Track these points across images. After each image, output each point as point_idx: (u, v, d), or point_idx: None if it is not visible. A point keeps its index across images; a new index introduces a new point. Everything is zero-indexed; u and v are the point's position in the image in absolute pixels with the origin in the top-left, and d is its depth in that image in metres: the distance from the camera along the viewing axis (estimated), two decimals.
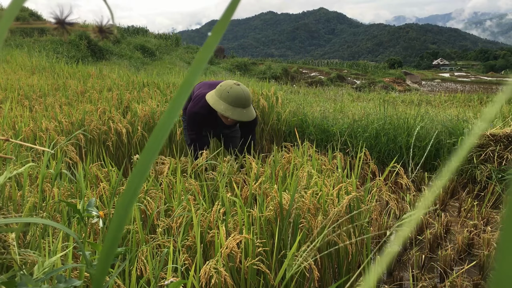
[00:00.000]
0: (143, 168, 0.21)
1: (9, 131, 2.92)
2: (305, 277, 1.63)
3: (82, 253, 0.78)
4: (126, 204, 0.21)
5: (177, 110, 0.21)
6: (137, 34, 25.36)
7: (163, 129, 0.21)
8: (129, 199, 0.21)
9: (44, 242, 1.24)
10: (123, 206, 0.21)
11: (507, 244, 0.12)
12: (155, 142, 0.21)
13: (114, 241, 0.21)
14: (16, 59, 8.92)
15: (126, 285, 1.30)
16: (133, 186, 0.21)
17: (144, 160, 0.21)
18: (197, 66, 0.21)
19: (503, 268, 0.12)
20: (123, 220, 0.21)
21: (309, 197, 1.65)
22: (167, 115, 0.21)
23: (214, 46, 0.21)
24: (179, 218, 1.62)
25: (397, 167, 2.00)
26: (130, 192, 0.21)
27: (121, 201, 0.21)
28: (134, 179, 0.21)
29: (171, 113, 0.21)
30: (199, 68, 0.21)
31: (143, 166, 0.21)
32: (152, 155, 0.21)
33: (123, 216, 0.21)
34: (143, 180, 0.21)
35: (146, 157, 0.21)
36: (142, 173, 0.21)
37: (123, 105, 4.09)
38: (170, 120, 0.21)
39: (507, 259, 0.12)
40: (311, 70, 30.78)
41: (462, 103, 9.66)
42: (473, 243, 2.32)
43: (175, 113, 0.21)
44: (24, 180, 1.63)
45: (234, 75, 15.64)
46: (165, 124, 0.21)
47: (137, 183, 0.21)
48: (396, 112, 4.04)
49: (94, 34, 0.33)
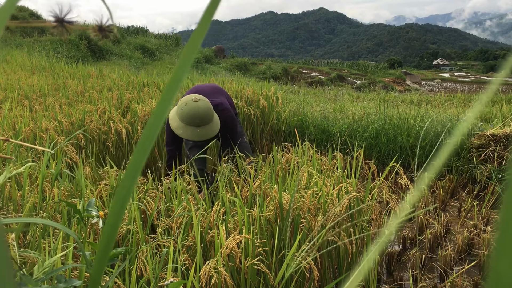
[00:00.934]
0: (135, 167, 0.21)
1: (9, 131, 2.92)
2: (305, 277, 1.63)
3: (82, 253, 0.78)
4: (120, 202, 0.21)
5: (165, 108, 0.21)
6: (137, 34, 25.36)
7: (153, 127, 0.21)
8: (123, 197, 0.21)
9: (44, 242, 1.24)
10: (118, 204, 0.21)
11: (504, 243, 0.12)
12: (147, 141, 0.21)
13: (109, 240, 0.21)
14: (16, 59, 8.92)
15: (126, 285, 1.30)
16: (127, 184, 0.21)
17: (136, 159, 0.21)
18: (184, 63, 0.21)
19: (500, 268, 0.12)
20: (118, 218, 0.21)
21: (309, 197, 1.65)
22: (156, 113, 0.21)
23: (200, 40, 0.21)
24: (179, 218, 1.62)
25: (396, 166, 2.00)
26: (124, 191, 0.21)
27: (115, 199, 0.21)
28: (127, 177, 0.21)
29: (159, 111, 0.21)
30: (187, 65, 0.21)
31: (135, 165, 0.21)
32: (144, 153, 0.21)
33: (118, 215, 0.21)
34: (136, 178, 0.21)
35: (138, 156, 0.21)
36: (134, 172, 0.21)
37: (123, 105, 4.09)
38: (159, 119, 0.21)
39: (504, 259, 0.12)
40: (311, 70, 30.78)
41: (462, 103, 9.66)
42: (473, 243, 2.32)
43: (164, 111, 0.21)
44: (24, 180, 1.63)
45: (234, 75, 15.64)
46: (155, 122, 0.21)
47: (130, 181, 0.21)
48: (396, 112, 4.03)
49: (94, 33, 0.33)
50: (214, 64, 24.39)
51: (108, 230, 0.21)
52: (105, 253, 0.21)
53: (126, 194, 0.21)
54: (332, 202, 1.70)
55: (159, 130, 0.21)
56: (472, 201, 2.81)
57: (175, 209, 1.68)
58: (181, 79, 0.21)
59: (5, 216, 1.18)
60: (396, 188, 3.15)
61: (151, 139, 0.21)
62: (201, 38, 0.21)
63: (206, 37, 0.21)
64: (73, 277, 1.19)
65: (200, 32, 0.21)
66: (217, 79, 6.04)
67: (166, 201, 1.87)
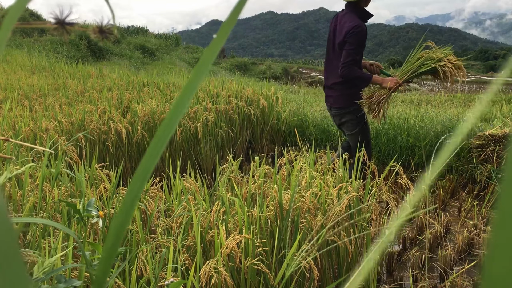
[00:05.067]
0: (145, 171, 0.21)
1: (9, 131, 2.92)
2: (305, 277, 1.63)
3: (82, 253, 0.78)
4: (129, 204, 0.21)
5: (179, 114, 0.21)
6: (137, 34, 25.37)
7: (165, 132, 0.21)
8: (131, 200, 0.21)
9: (44, 242, 1.24)
10: (126, 206, 0.21)
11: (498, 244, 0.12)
12: (158, 145, 0.21)
13: (116, 241, 0.21)
14: (16, 59, 8.92)
15: (126, 285, 1.30)
16: (135, 187, 0.21)
17: (146, 163, 0.21)
18: (201, 67, 0.21)
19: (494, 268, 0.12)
20: (126, 220, 0.21)
21: (309, 197, 1.65)
22: (169, 118, 0.21)
23: (220, 47, 0.21)
24: (179, 218, 1.62)
25: (396, 166, 2.00)
26: (133, 193, 0.21)
27: (124, 201, 0.21)
28: (136, 181, 0.21)
29: (173, 116, 0.21)
30: (204, 70, 0.21)
31: (145, 169, 0.21)
32: (154, 158, 0.21)
33: (126, 216, 0.21)
34: (145, 182, 0.21)
35: (148, 160, 0.21)
36: (144, 176, 0.21)
37: (123, 105, 4.09)
38: (172, 124, 0.21)
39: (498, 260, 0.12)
40: (311, 70, 30.76)
41: (462, 103, 9.65)
42: (473, 243, 2.32)
43: (178, 116, 0.21)
44: (24, 180, 1.64)
45: (234, 75, 15.64)
46: (168, 127, 0.21)
47: (139, 185, 0.21)
48: (396, 112, 4.04)
49: (94, 34, 0.33)
50: (214, 64, 24.36)
51: (115, 230, 0.21)
52: (111, 254, 0.21)
53: (136, 194, 0.21)
54: (332, 202, 1.70)
55: (172, 133, 0.21)
56: (472, 201, 2.81)
57: (175, 209, 1.69)
58: (199, 83, 0.21)
59: None
60: (396, 188, 3.15)
61: (163, 142, 0.21)
62: (221, 43, 0.21)
63: (206, 37, 0.21)
64: (73, 277, 1.19)
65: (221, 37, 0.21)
66: (217, 79, 6.03)
67: (167, 201, 1.87)
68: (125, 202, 0.21)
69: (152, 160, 0.21)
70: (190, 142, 3.71)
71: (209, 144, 3.72)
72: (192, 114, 3.78)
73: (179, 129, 3.51)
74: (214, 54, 0.21)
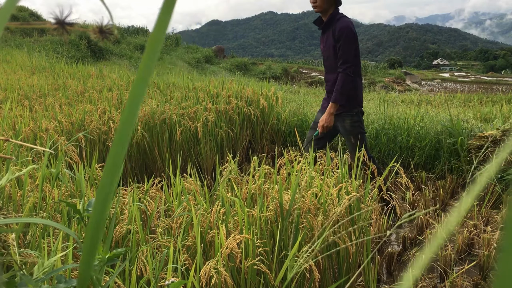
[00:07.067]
0: (115, 162, 0.21)
1: (9, 131, 2.91)
2: (305, 277, 1.63)
3: (82, 253, 0.78)
4: (103, 197, 0.21)
5: (136, 106, 0.21)
6: (137, 34, 25.37)
7: (129, 117, 0.21)
8: (105, 193, 0.22)
9: (44, 242, 1.24)
10: (100, 200, 0.21)
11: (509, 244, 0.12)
12: (122, 134, 0.21)
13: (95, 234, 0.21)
14: (16, 59, 8.92)
15: (126, 285, 1.30)
16: (108, 181, 0.21)
17: (114, 153, 0.21)
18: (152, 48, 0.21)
19: (505, 269, 0.12)
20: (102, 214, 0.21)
21: (310, 197, 1.65)
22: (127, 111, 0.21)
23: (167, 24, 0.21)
24: (179, 218, 1.62)
25: (396, 166, 2.00)
26: (106, 188, 0.21)
27: (97, 196, 0.22)
28: (107, 173, 0.21)
29: (131, 109, 0.21)
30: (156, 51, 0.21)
31: (114, 161, 0.21)
32: (122, 148, 0.21)
33: (102, 211, 0.21)
34: (117, 174, 0.21)
35: (116, 151, 0.21)
36: (115, 167, 0.21)
37: (123, 105, 4.09)
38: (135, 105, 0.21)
39: (509, 259, 0.12)
40: (311, 70, 30.76)
41: (462, 103, 9.66)
42: (473, 243, 2.32)
43: (139, 98, 0.21)
44: (24, 180, 1.63)
45: (234, 75, 15.63)
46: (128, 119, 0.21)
47: (111, 177, 0.21)
48: (396, 112, 4.04)
49: (94, 34, 0.33)
50: (214, 64, 24.41)
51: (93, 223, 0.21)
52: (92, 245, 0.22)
53: (108, 190, 0.21)
54: (332, 202, 1.70)
55: (133, 126, 0.22)
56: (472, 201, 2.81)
57: (175, 209, 1.68)
58: (150, 73, 0.21)
59: (5, 216, 1.18)
60: (396, 188, 3.15)
61: (127, 134, 0.21)
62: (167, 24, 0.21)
63: (206, 37, 0.21)
64: (73, 277, 1.19)
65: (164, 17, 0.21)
66: (217, 79, 6.03)
67: (167, 201, 1.87)
68: (99, 195, 0.21)
69: (120, 151, 0.21)
70: (190, 142, 3.71)
71: (209, 144, 3.72)
72: (192, 114, 3.78)
73: (179, 129, 3.51)
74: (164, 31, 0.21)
